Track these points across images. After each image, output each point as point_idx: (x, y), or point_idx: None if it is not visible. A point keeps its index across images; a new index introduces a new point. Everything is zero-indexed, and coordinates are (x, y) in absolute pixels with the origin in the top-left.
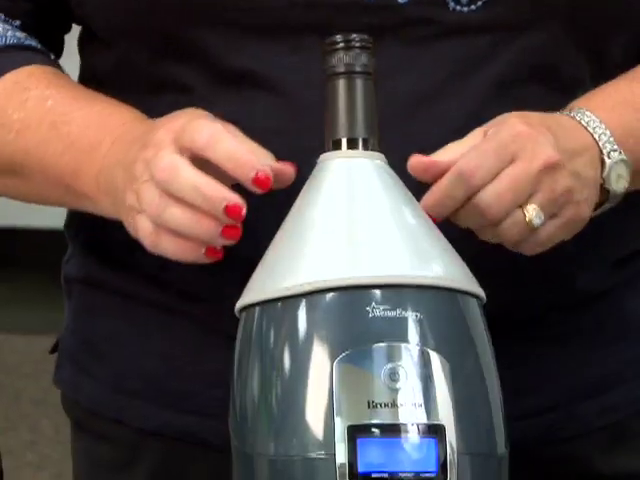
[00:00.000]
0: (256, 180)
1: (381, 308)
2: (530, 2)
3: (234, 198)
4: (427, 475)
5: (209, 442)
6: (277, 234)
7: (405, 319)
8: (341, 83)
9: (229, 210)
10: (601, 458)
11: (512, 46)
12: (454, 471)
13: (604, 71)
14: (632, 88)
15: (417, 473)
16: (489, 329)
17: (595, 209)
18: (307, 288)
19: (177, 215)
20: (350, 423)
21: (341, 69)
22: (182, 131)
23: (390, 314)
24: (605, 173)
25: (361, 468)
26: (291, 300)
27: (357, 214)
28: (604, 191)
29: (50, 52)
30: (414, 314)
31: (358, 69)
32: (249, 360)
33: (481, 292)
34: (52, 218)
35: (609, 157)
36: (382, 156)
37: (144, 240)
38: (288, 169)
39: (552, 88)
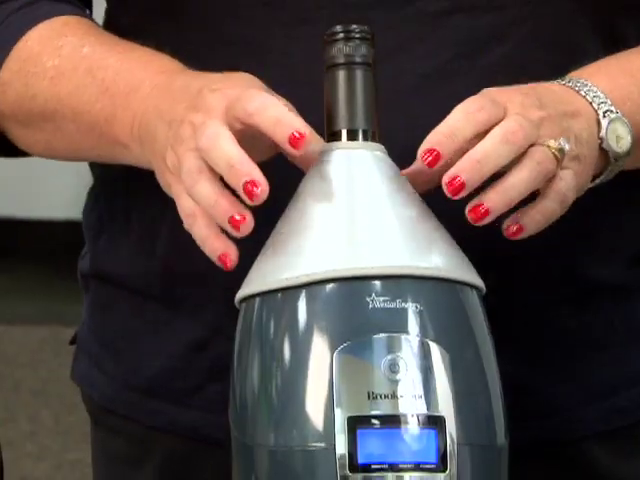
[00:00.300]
0: (292, 138)
1: (381, 299)
2: None
3: (258, 176)
4: (427, 466)
5: (218, 439)
6: (277, 225)
7: (405, 310)
8: (341, 74)
9: (248, 186)
10: (611, 462)
11: (523, 26)
12: (454, 462)
13: (618, 52)
14: (629, 57)
15: (417, 464)
16: (492, 322)
17: (599, 175)
18: (307, 279)
19: (205, 190)
20: (350, 414)
21: (341, 60)
22: (237, 100)
23: (390, 305)
24: (602, 133)
25: (361, 459)
26: (291, 291)
27: (357, 205)
28: (604, 154)
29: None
30: (414, 305)
31: (358, 60)
32: (249, 351)
33: (481, 283)
34: (52, 209)
35: (605, 116)
36: (382, 147)
37: (182, 217)
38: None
39: (563, 69)
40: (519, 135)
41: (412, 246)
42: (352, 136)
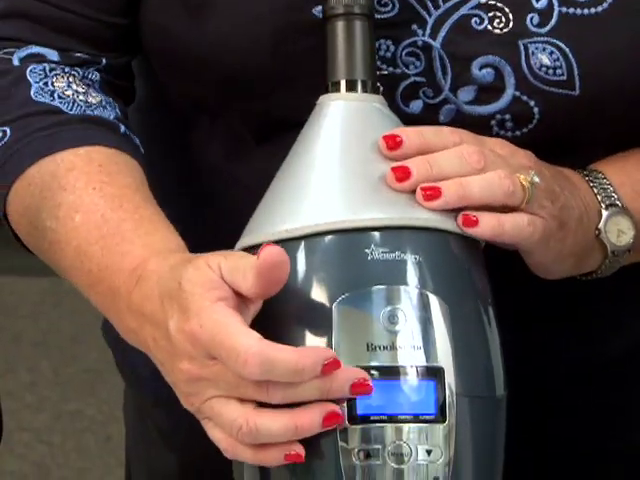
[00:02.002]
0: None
1: (380, 251)
2: (578, 135)
3: (330, 353)
4: (426, 417)
5: None
6: (276, 176)
7: (404, 262)
8: (340, 25)
9: (327, 368)
10: None
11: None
12: (453, 413)
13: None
14: None
15: (416, 415)
16: None
17: (599, 268)
18: (306, 231)
19: (273, 427)
20: (349, 365)
21: (340, 10)
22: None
23: (389, 257)
24: (601, 224)
25: (360, 410)
26: (290, 243)
27: (355, 157)
28: (604, 247)
29: (121, 101)
30: (413, 257)
31: (357, 10)
32: None
33: None
34: None
35: (607, 209)
36: (381, 98)
37: (220, 445)
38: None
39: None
40: (474, 157)
41: (411, 197)
42: (351, 87)
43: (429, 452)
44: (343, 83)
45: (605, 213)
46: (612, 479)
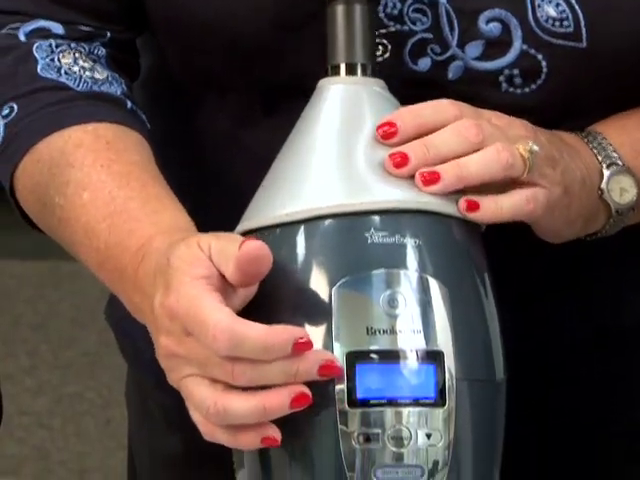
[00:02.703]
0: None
1: (380, 234)
2: (586, 90)
3: (300, 333)
4: (426, 401)
5: None
6: (275, 160)
7: (404, 245)
8: (340, 8)
9: (298, 346)
10: None
11: (561, 127)
12: (452, 397)
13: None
14: None
15: (416, 399)
16: None
17: (603, 228)
18: (306, 215)
19: (240, 408)
20: (349, 349)
21: None
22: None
23: (389, 240)
24: (603, 184)
25: (360, 394)
26: (290, 227)
27: (354, 141)
28: (608, 207)
29: (127, 76)
30: (413, 240)
31: None
32: None
33: None
34: None
35: (608, 168)
36: (381, 82)
37: (199, 428)
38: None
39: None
40: (472, 130)
41: (410, 181)
42: (351, 70)
43: (429, 436)
44: (343, 67)
45: (606, 173)
46: (613, 454)
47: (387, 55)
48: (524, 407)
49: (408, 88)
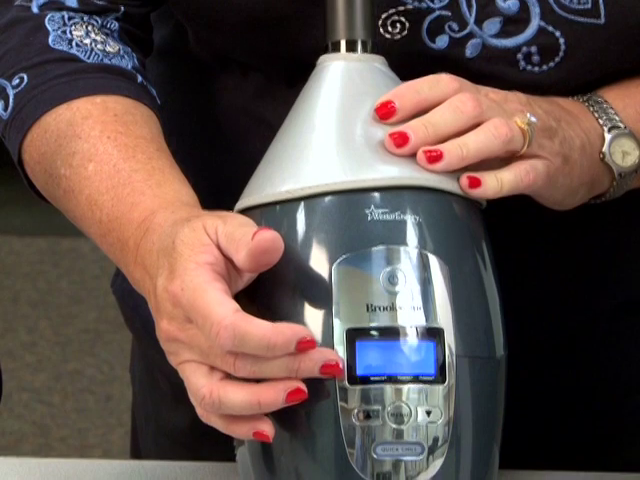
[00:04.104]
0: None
1: (380, 211)
2: (604, 67)
3: (303, 333)
4: (425, 378)
5: None
6: (275, 137)
7: (404, 222)
8: None
9: (301, 346)
10: None
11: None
12: (452, 374)
13: None
14: None
15: (415, 376)
16: None
17: (604, 192)
18: (306, 192)
19: (235, 400)
20: (349, 326)
21: None
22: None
23: (389, 217)
24: (604, 147)
25: (360, 371)
26: (290, 204)
27: (356, 118)
28: (610, 170)
29: (140, 51)
30: (413, 217)
31: None
32: None
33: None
34: None
35: (609, 132)
36: (382, 59)
37: (197, 410)
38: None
39: None
40: (470, 104)
41: (411, 158)
42: (351, 47)
43: (429, 413)
44: (343, 43)
45: (608, 136)
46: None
47: (405, 33)
48: (529, 384)
49: (426, 66)
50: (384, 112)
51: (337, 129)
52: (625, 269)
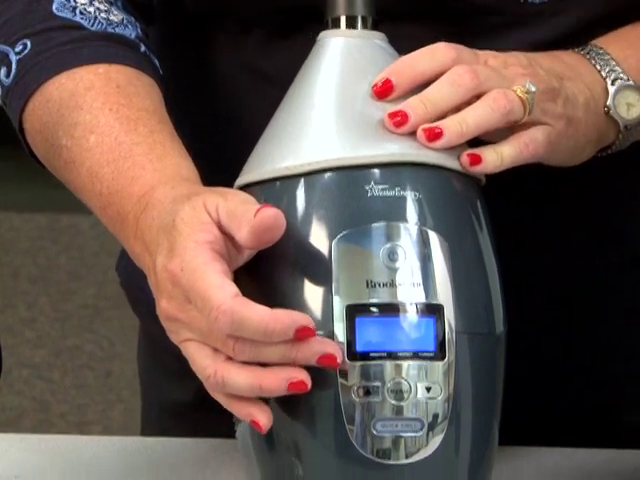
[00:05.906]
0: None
1: (380, 187)
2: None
3: (302, 320)
4: (425, 354)
5: None
6: (275, 114)
7: (404, 198)
8: None
9: (299, 334)
10: None
11: (582, 36)
12: (452, 350)
13: None
14: None
15: (415, 352)
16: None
17: (611, 145)
18: (306, 168)
19: (238, 382)
20: (349, 302)
21: None
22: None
23: (389, 193)
24: (609, 100)
25: (359, 347)
26: (290, 180)
27: (355, 94)
28: (615, 122)
29: (143, 21)
30: (413, 193)
31: None
32: None
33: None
34: None
35: (613, 84)
36: (382, 35)
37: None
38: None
39: None
40: (466, 77)
41: (411, 135)
42: (351, 23)
43: (428, 389)
44: (343, 19)
45: (612, 89)
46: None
47: None
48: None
49: (428, 1)
50: (382, 90)
51: (337, 105)
52: (629, 223)
